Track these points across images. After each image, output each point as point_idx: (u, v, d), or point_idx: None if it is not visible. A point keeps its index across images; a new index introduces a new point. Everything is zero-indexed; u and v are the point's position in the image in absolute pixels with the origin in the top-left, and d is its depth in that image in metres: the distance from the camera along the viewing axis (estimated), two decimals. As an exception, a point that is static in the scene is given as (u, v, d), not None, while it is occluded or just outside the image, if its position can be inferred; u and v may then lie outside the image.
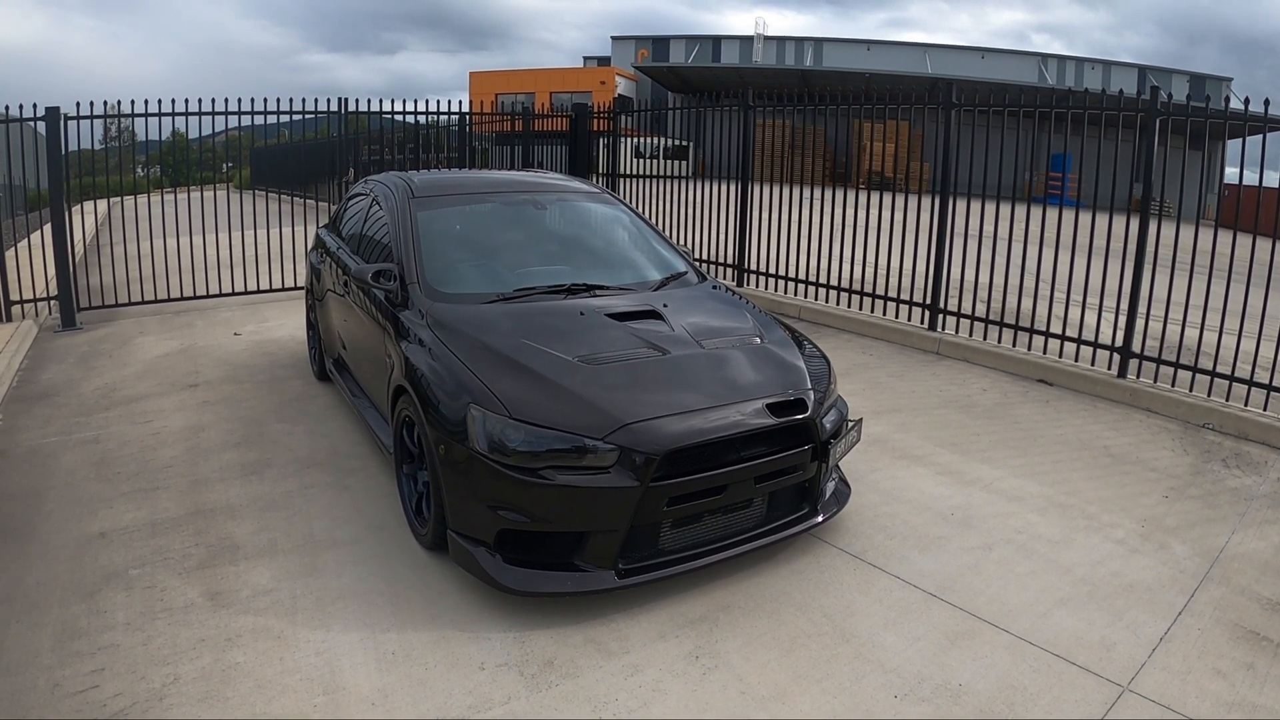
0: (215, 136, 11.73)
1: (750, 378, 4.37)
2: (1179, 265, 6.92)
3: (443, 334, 4.44)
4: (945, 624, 3.86)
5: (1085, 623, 3.89)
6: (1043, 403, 7.09)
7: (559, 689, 3.35)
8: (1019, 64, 48.85)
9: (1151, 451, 6.07)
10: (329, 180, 14.24)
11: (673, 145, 13.61)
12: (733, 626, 3.79)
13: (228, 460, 5.56)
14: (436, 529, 4.14)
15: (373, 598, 3.95)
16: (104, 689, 3.28)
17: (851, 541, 4.59)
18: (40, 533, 4.54)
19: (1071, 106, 7.70)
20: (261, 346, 8.54)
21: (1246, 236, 6.70)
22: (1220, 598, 4.15)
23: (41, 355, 8.17)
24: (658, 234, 6.17)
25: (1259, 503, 5.28)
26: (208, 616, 3.78)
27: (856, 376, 7.65)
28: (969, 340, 8.46)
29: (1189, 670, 3.57)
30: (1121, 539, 4.72)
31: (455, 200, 5.83)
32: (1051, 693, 3.40)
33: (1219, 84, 46.37)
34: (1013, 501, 5.16)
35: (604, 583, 3.81)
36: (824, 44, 53.21)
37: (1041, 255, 7.87)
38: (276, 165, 25.98)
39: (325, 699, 3.26)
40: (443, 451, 3.97)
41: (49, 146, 9.05)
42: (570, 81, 48.61)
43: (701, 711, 3.24)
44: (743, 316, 5.08)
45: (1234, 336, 6.83)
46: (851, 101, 9.55)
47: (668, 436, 3.82)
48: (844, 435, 4.48)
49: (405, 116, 11.67)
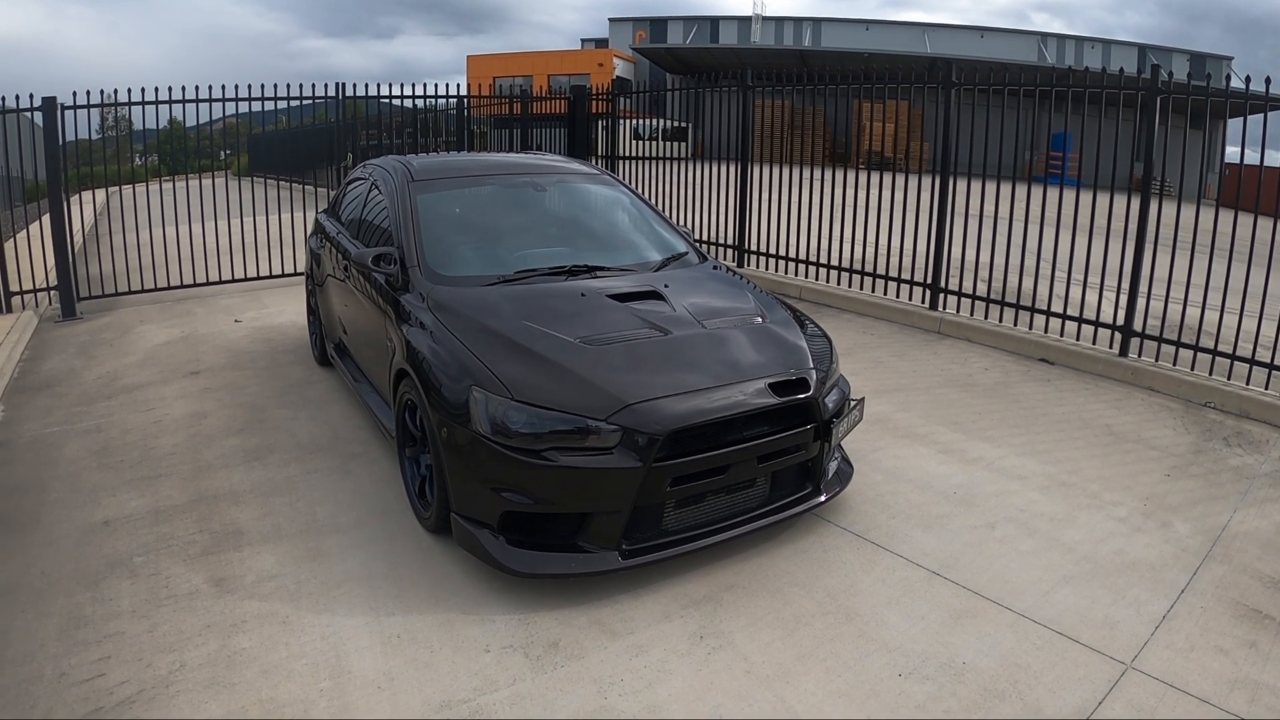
0: (212, 124, 11.70)
1: (752, 357, 4.37)
2: (1180, 245, 6.90)
3: (444, 316, 4.43)
4: (948, 602, 3.87)
5: (1088, 601, 3.90)
6: (1044, 381, 7.09)
7: (564, 670, 3.36)
8: (1019, 43, 48.68)
9: (1153, 430, 6.07)
10: (327, 166, 14.20)
11: (672, 126, 13.57)
12: (737, 606, 3.80)
13: (230, 447, 5.56)
14: (440, 512, 4.15)
15: (377, 581, 3.96)
16: (110, 677, 3.29)
17: (854, 521, 4.60)
18: (44, 522, 4.55)
19: (1071, 85, 7.67)
20: (262, 333, 8.53)
21: (1247, 216, 6.68)
22: (1222, 576, 4.15)
23: (42, 346, 8.17)
24: (658, 215, 6.16)
25: (1260, 481, 5.28)
26: (213, 603, 3.79)
27: (858, 356, 7.64)
28: (970, 319, 8.45)
29: (1192, 648, 3.58)
30: (1124, 517, 4.72)
31: (454, 183, 5.82)
32: (1055, 671, 3.41)
33: (1219, 63, 46.19)
34: (1015, 480, 5.16)
35: (608, 564, 3.82)
36: (823, 24, 52.97)
37: (1042, 235, 7.86)
38: (274, 152, 25.92)
39: (331, 683, 3.27)
40: (445, 434, 3.97)
41: (46, 136, 9.02)
42: (568, 64, 48.44)
43: (706, 691, 3.25)
44: (744, 296, 5.07)
45: (1235, 316, 6.82)
46: (851, 81, 9.51)
47: (670, 417, 3.82)
48: (846, 414, 4.48)
49: (403, 101, 11.61)
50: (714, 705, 3.18)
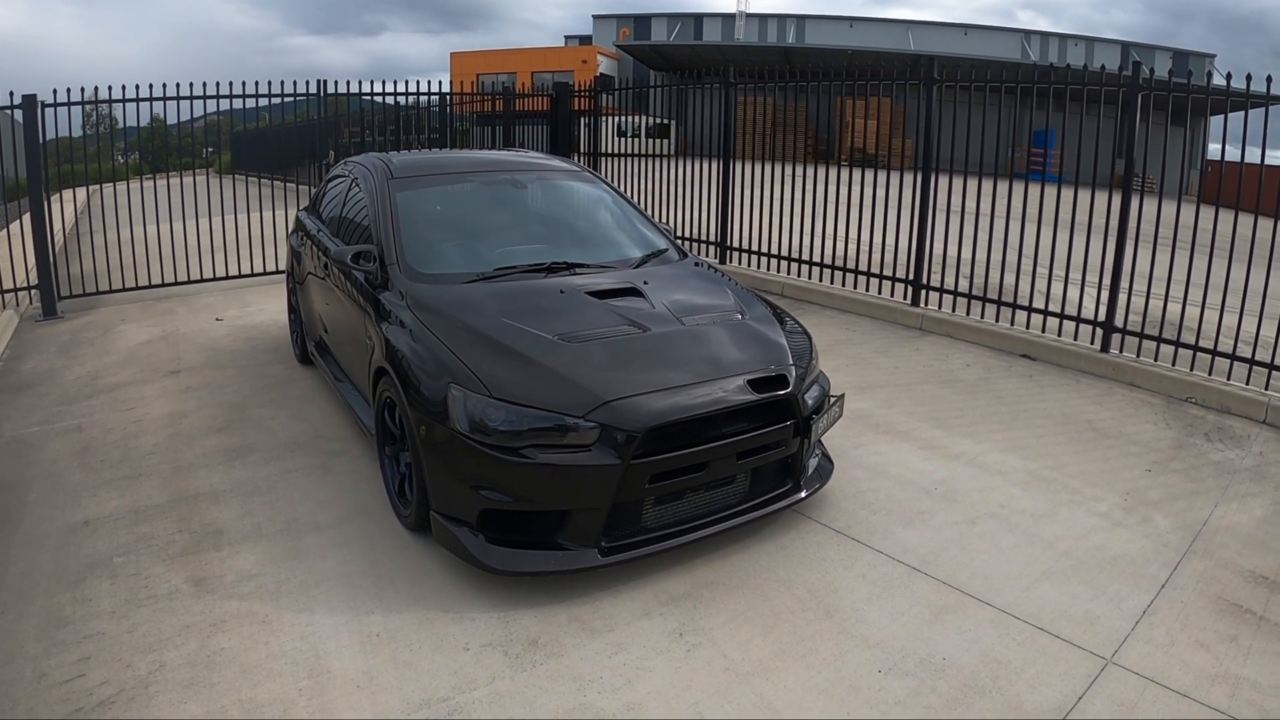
0: (195, 122, 11.63)
1: (731, 354, 4.36)
2: (1161, 241, 6.93)
3: (423, 314, 4.41)
4: (929, 598, 3.88)
5: (1069, 596, 3.91)
6: (1026, 377, 7.11)
7: (544, 668, 3.35)
8: (1002, 40, 48.81)
9: (1134, 425, 6.10)
10: (309, 163, 14.14)
11: (655, 124, 13.55)
12: (716, 603, 3.80)
13: (210, 446, 5.53)
14: (419, 510, 4.14)
15: (357, 580, 3.94)
16: (90, 677, 3.27)
17: (835, 517, 4.60)
18: (24, 523, 4.52)
19: (1053, 83, 7.71)
20: (243, 331, 8.49)
21: (1229, 212, 6.71)
22: (1203, 571, 4.17)
23: (23, 345, 8.11)
24: (639, 212, 6.15)
25: (1241, 476, 5.31)
26: (192, 603, 3.77)
27: (839, 352, 7.65)
28: (952, 316, 8.47)
29: (1172, 643, 3.60)
30: (1105, 513, 4.74)
31: (434, 180, 5.79)
32: (1035, 666, 3.42)
33: (1202, 60, 46.41)
34: (996, 476, 5.18)
35: (587, 561, 3.82)
36: (806, 21, 52.99)
37: (1024, 231, 7.87)
38: (257, 149, 25.77)
39: (310, 682, 3.26)
40: (424, 432, 3.96)
41: (26, 134, 8.95)
42: (552, 61, 48.28)
43: (686, 689, 3.25)
44: (724, 293, 5.07)
45: (1216, 312, 6.85)
46: (834, 78, 9.52)
47: (649, 414, 3.81)
48: (826, 411, 4.49)
49: (385, 98, 11.57)
50: (693, 702, 3.18)
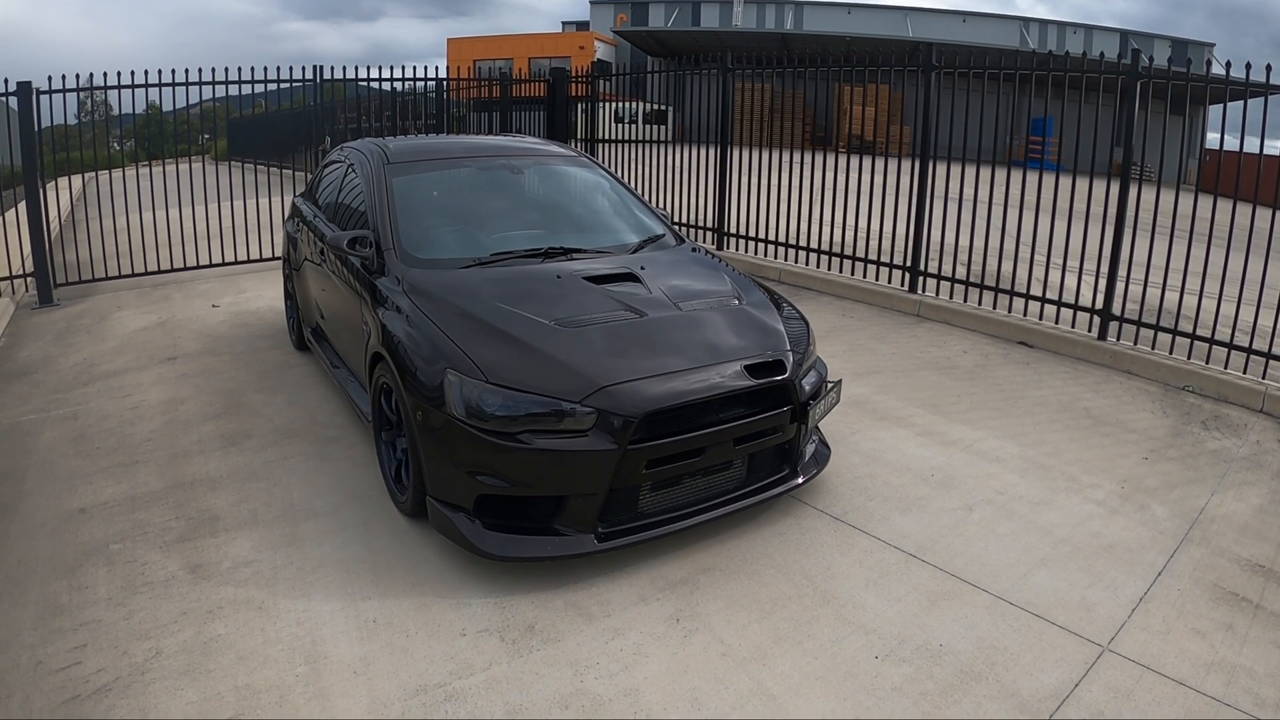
0: (191, 108, 11.58)
1: (728, 340, 4.35)
2: (1159, 229, 6.92)
3: (419, 300, 4.40)
4: (926, 585, 3.88)
5: (1065, 583, 3.91)
6: (1023, 364, 7.11)
7: (540, 654, 3.35)
8: (1001, 28, 48.73)
9: (1131, 413, 6.10)
10: (306, 150, 14.09)
11: (652, 110, 13.50)
12: (713, 589, 3.80)
13: (207, 432, 5.52)
14: (416, 496, 4.13)
15: (353, 566, 3.94)
16: (86, 665, 3.26)
17: (832, 503, 4.60)
18: (20, 510, 4.51)
19: (1052, 70, 7.67)
20: (240, 317, 8.47)
21: (1227, 201, 6.70)
22: (1200, 559, 4.18)
23: (19, 333, 8.08)
24: (635, 197, 6.13)
25: (1238, 464, 5.32)
26: (189, 589, 3.76)
27: (837, 339, 7.65)
28: (949, 302, 8.47)
29: (1168, 630, 3.60)
30: (1101, 500, 4.74)
31: (430, 165, 5.77)
32: (1032, 653, 3.42)
33: (1201, 49, 46.32)
34: (993, 462, 5.18)
35: (584, 547, 3.81)
36: (804, 7, 52.80)
37: (1022, 218, 7.86)
38: (253, 136, 25.71)
39: (307, 669, 3.25)
40: (420, 418, 3.95)
41: (21, 122, 8.91)
42: (549, 47, 48.14)
43: (682, 674, 3.25)
44: (721, 279, 5.06)
45: (1214, 300, 6.84)
46: (832, 65, 9.48)
47: (645, 399, 3.81)
48: (823, 397, 4.49)
49: (382, 84, 11.53)
50: (690, 688, 3.18)
